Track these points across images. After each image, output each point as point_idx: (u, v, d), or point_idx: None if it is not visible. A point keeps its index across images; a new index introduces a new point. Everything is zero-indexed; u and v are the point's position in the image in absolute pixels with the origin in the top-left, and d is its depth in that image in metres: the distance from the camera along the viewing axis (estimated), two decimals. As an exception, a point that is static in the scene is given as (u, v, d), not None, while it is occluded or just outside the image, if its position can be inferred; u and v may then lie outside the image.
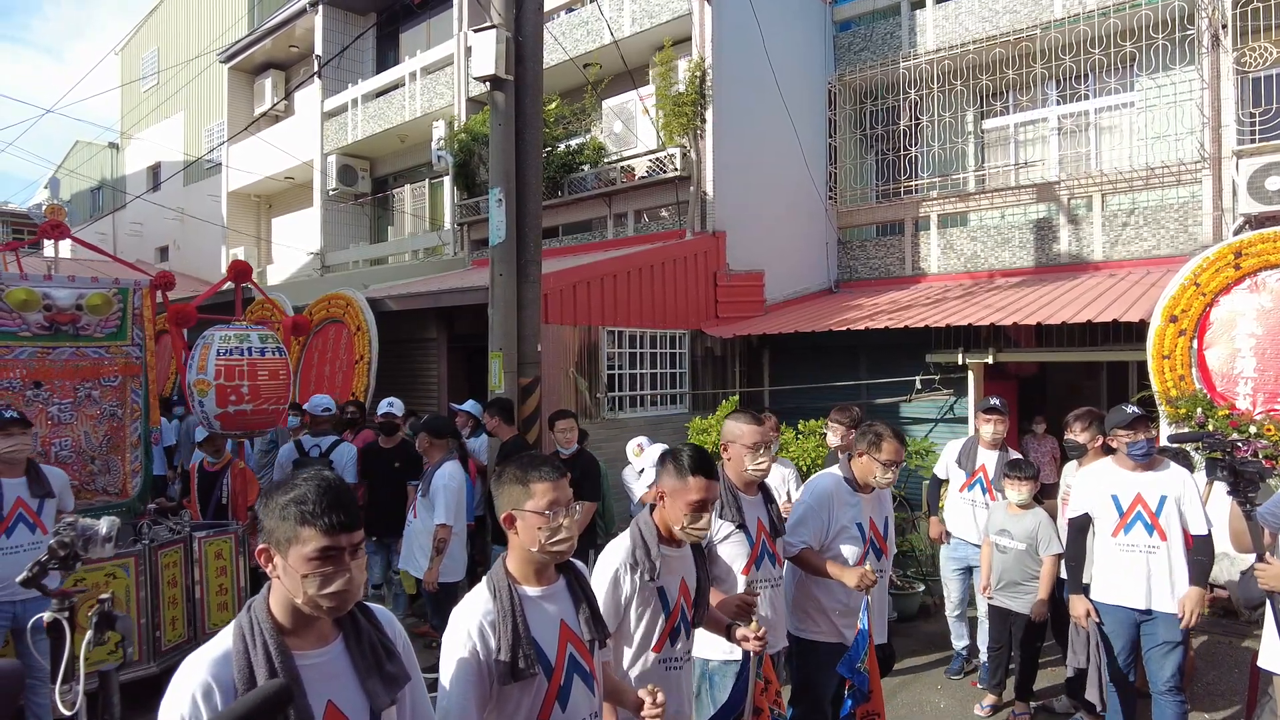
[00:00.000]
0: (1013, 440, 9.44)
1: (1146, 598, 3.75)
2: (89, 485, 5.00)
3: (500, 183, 6.48)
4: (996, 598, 4.66)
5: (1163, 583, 3.72)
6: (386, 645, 1.66)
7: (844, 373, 9.10)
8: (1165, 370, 6.58)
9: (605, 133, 11.20)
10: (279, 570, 1.53)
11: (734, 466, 3.17)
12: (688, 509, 2.48)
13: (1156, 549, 3.73)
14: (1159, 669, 3.74)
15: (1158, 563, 3.73)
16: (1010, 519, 4.63)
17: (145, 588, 4.58)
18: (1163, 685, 3.73)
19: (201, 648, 1.55)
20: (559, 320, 8.26)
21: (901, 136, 10.93)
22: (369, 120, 14.85)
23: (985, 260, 10.37)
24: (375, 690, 1.59)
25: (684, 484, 2.48)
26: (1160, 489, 3.77)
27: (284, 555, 1.52)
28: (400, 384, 10.14)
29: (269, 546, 1.54)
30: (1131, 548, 3.79)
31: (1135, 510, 3.80)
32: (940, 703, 4.88)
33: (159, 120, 21.48)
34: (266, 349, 5.33)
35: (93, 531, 2.36)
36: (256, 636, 1.51)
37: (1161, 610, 3.72)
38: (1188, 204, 8.93)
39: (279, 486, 1.57)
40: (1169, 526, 3.72)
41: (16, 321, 4.68)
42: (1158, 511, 3.75)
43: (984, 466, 5.16)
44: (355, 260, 15.57)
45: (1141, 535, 3.77)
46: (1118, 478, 3.89)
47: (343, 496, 1.55)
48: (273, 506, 1.54)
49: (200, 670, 1.48)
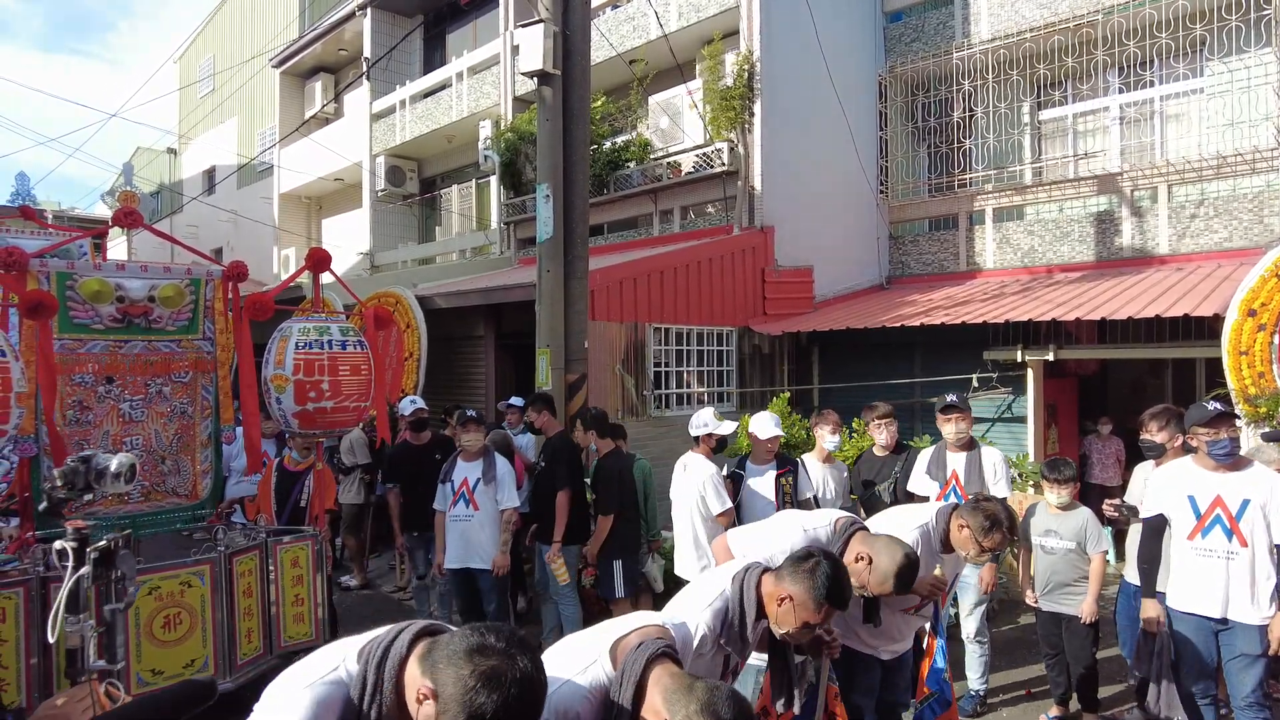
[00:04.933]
0: (1073, 440, 9.17)
1: (1224, 606, 3.55)
2: (159, 486, 4.82)
3: (548, 179, 6.45)
4: (1045, 603, 4.47)
5: (1242, 591, 3.51)
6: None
7: (896, 371, 8.88)
8: (1243, 367, 6.26)
9: (651, 129, 11.12)
10: (426, 715, 1.46)
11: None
12: (799, 626, 2.34)
13: (1236, 555, 3.52)
14: (1239, 682, 3.55)
15: (1237, 570, 3.52)
16: (1055, 519, 4.47)
17: (221, 597, 4.29)
18: (1242, 700, 3.54)
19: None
20: (605, 317, 8.21)
21: (955, 129, 10.64)
22: (416, 121, 15.00)
23: (1043, 255, 10.03)
24: None
25: (814, 608, 2.31)
26: (1243, 492, 3.55)
27: (437, 714, 1.45)
28: (449, 381, 10.21)
29: (435, 691, 1.44)
30: (1209, 553, 3.59)
31: (1214, 513, 3.59)
32: (1003, 712, 4.70)
33: (214, 125, 22.04)
34: (348, 342, 4.95)
35: (104, 465, 2.40)
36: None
37: (1240, 620, 3.51)
38: (1263, 193, 8.52)
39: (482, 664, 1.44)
40: (1251, 532, 3.51)
41: (89, 313, 4.56)
42: (1238, 515, 3.54)
43: (955, 473, 4.78)
44: (404, 260, 15.75)
45: (1220, 540, 3.57)
46: (1196, 478, 3.69)
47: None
48: (461, 681, 1.43)
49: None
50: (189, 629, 4.25)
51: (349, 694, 1.50)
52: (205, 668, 4.25)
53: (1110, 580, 5.33)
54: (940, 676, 3.23)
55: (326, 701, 1.49)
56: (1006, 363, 8.17)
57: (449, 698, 1.42)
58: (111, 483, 2.42)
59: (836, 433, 5.23)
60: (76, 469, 2.38)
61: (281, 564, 4.73)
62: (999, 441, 8.39)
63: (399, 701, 1.51)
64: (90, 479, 2.39)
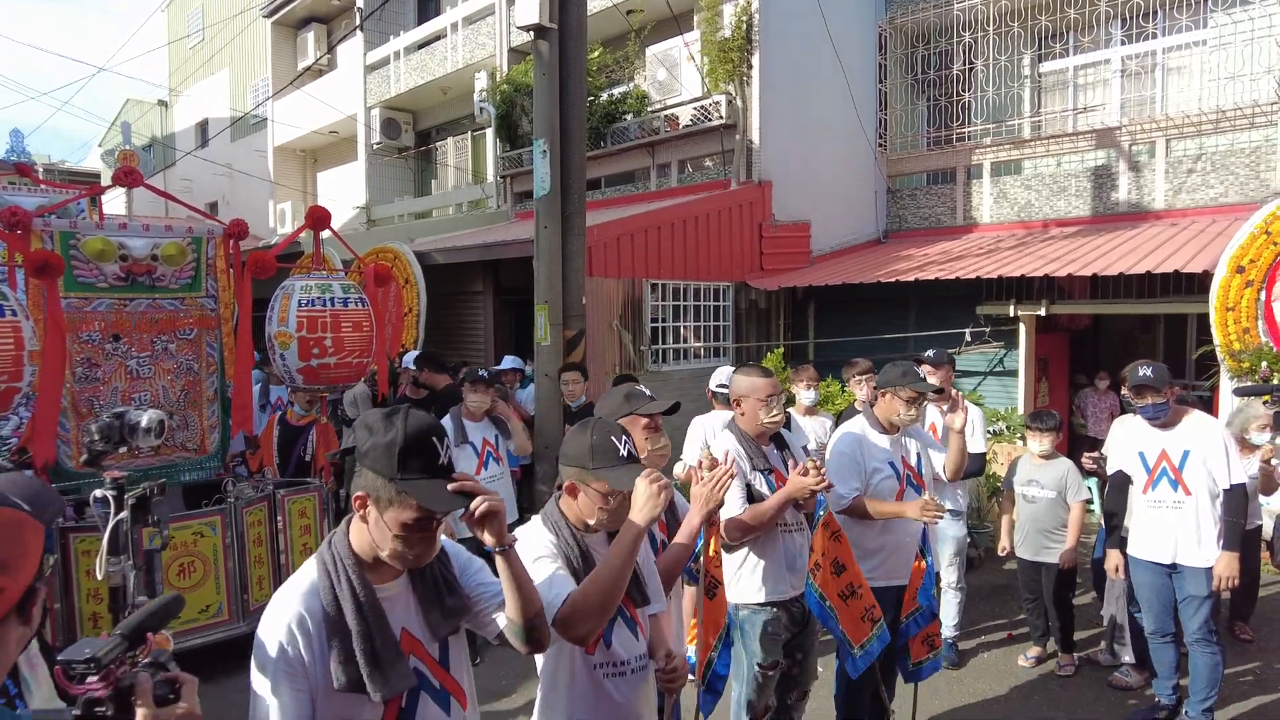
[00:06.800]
0: (1063, 394, 9.31)
1: (1173, 553, 3.77)
2: (169, 441, 4.88)
3: (544, 134, 6.44)
4: (1026, 551, 4.64)
5: (1189, 537, 3.72)
6: (448, 579, 1.75)
7: (891, 325, 8.97)
8: (1229, 323, 6.36)
9: (649, 81, 11.02)
10: (371, 521, 1.60)
11: (749, 420, 3.14)
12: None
13: (1182, 504, 3.74)
14: (1189, 620, 3.79)
15: (1183, 518, 3.73)
16: (1037, 469, 4.63)
17: (233, 546, 4.54)
18: (1191, 636, 3.79)
19: (287, 583, 1.65)
20: (603, 273, 8.26)
21: (954, 81, 10.56)
22: (411, 73, 14.81)
23: (1039, 209, 10.05)
24: (435, 622, 1.70)
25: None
26: (1184, 444, 3.75)
27: (380, 511, 1.58)
28: (447, 337, 10.30)
29: (367, 496, 1.59)
30: (1158, 504, 3.81)
31: (1161, 466, 3.80)
32: (984, 655, 4.92)
33: (205, 77, 21.70)
34: (350, 299, 5.08)
35: (136, 421, 2.54)
36: (340, 572, 1.61)
37: (1188, 565, 3.73)
38: (1260, 148, 8.51)
39: (389, 430, 1.59)
40: (1194, 481, 3.71)
41: (93, 272, 4.65)
42: (1181, 467, 3.74)
43: (934, 425, 4.73)
44: (400, 214, 15.69)
45: (1167, 491, 3.78)
46: (1145, 435, 3.88)
47: (447, 464, 1.62)
48: (380, 462, 1.57)
49: (292, 603, 1.58)
50: (203, 576, 4.43)
51: (319, 592, 1.60)
52: (220, 612, 4.45)
53: (1091, 529, 5.52)
54: (929, 593, 3.42)
55: (298, 605, 1.59)
56: (999, 317, 8.26)
57: (370, 467, 1.58)
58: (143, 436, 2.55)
59: (812, 388, 5.35)
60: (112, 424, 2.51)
61: (290, 515, 4.94)
62: (990, 394, 8.54)
63: (361, 562, 1.63)
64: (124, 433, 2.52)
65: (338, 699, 1.56)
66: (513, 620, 1.72)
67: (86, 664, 1.14)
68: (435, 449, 1.60)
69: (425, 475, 1.57)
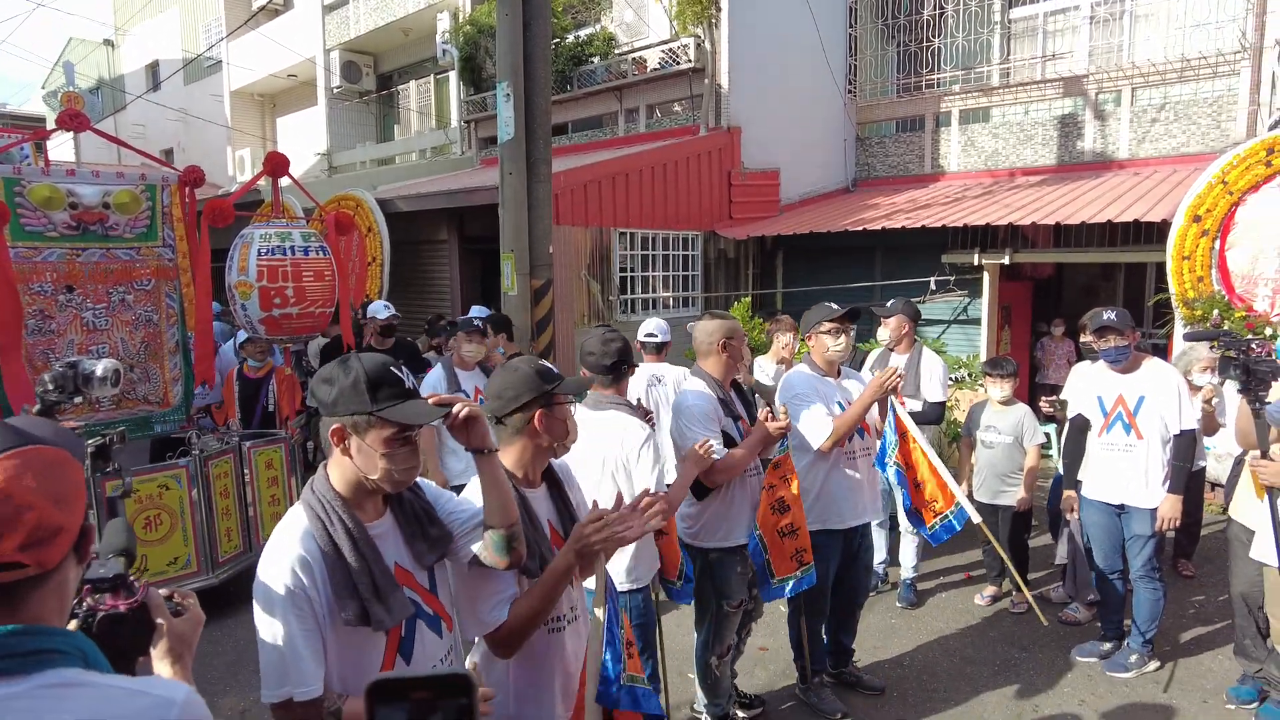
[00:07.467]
0: (1025, 342, 9.49)
1: (1122, 493, 3.91)
2: (129, 394, 4.85)
3: (508, 76, 6.28)
4: (984, 495, 4.78)
5: (1136, 479, 3.86)
6: (428, 510, 1.81)
7: (859, 274, 9.03)
8: (1184, 272, 6.49)
9: (616, 22, 10.76)
10: (354, 450, 1.64)
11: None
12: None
13: (1134, 447, 3.86)
14: (1134, 558, 3.96)
15: (1134, 460, 3.86)
16: (995, 415, 4.76)
17: (200, 499, 4.52)
18: (1136, 572, 3.96)
19: (278, 530, 1.66)
20: (570, 221, 8.17)
21: (925, 26, 10.46)
22: (371, 13, 14.30)
23: (1006, 158, 10.09)
24: (421, 552, 1.77)
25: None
26: (1140, 389, 3.86)
27: (362, 437, 1.62)
28: (412, 287, 10.16)
29: (344, 427, 1.64)
30: (1112, 446, 3.93)
31: (1117, 411, 3.92)
32: (941, 594, 5.09)
33: (154, 15, 20.74)
34: (310, 248, 5.01)
35: (90, 370, 2.51)
36: (330, 512, 1.65)
37: (1135, 505, 3.88)
38: (1223, 98, 8.59)
39: (349, 373, 1.64)
40: (1146, 426, 3.83)
41: (41, 221, 4.47)
42: (1135, 411, 3.86)
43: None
44: (363, 160, 15.31)
45: (1120, 435, 3.90)
46: (1103, 380, 3.99)
47: (414, 387, 1.68)
48: (352, 402, 1.62)
49: (292, 546, 1.61)
50: (170, 529, 4.40)
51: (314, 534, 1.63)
52: (188, 564, 4.44)
53: (1048, 474, 5.68)
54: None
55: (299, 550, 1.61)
56: (964, 266, 8.34)
57: (343, 413, 1.62)
58: (99, 386, 2.51)
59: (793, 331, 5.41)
60: (65, 373, 2.46)
61: (256, 466, 4.91)
62: (953, 342, 8.68)
63: (348, 502, 1.67)
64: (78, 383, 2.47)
65: (344, 634, 1.61)
66: (494, 529, 1.76)
67: (114, 580, 1.20)
68: (398, 376, 1.65)
69: (398, 399, 1.62)
